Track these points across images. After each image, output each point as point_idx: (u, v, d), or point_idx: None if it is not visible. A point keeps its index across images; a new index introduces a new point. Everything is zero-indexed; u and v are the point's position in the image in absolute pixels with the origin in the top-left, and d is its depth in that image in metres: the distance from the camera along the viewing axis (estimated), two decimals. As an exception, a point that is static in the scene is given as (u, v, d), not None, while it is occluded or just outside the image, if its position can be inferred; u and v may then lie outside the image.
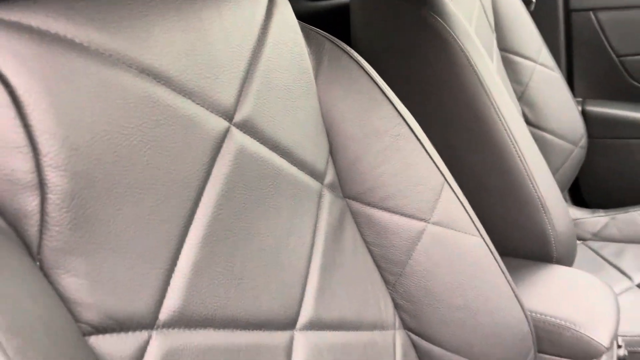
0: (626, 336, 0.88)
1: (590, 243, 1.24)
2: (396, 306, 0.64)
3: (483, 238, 0.65)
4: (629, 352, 0.86)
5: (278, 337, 0.46)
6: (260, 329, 0.45)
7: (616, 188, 1.37)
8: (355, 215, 0.62)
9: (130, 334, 0.34)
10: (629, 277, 1.10)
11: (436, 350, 0.65)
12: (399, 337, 0.63)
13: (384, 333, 0.60)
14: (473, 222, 0.65)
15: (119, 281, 0.34)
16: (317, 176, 0.56)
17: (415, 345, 0.65)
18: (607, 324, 0.71)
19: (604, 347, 0.69)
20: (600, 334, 0.70)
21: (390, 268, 0.63)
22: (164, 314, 0.37)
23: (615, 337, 0.72)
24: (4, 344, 0.24)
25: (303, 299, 0.50)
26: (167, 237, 0.37)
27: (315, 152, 0.56)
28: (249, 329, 0.44)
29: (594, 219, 1.29)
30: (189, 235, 0.39)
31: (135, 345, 0.35)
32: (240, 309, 0.43)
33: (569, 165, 1.26)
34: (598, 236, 1.26)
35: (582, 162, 1.31)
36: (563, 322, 0.71)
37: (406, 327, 0.65)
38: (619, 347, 0.80)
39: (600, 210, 1.31)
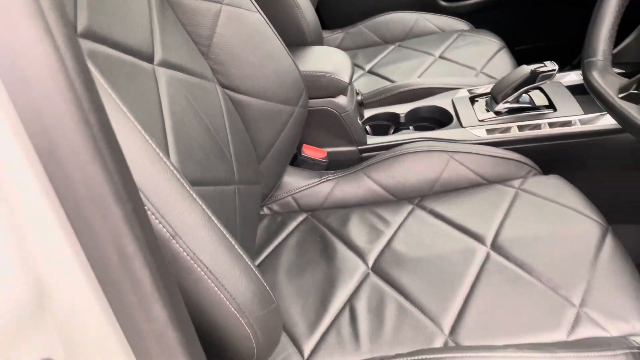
0: (362, 93, 1.30)
1: (335, 53, 1.64)
2: (212, 71, 0.90)
3: (260, 14, 0.93)
4: (365, 102, 1.29)
5: (146, 65, 0.69)
6: (134, 55, 0.67)
7: (346, 10, 1.79)
8: (171, 5, 0.84)
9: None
10: (362, 68, 1.53)
11: (243, 97, 0.94)
12: (219, 91, 0.90)
13: (209, 83, 0.87)
14: (253, 3, 0.93)
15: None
16: (139, -35, 0.76)
17: (230, 97, 0.93)
18: (346, 71, 1.09)
19: (346, 82, 1.07)
20: (343, 76, 1.07)
21: (202, 41, 0.88)
22: (79, 27, 0.57)
23: (351, 79, 1.10)
24: None
25: (154, 42, 0.73)
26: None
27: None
28: (126, 53, 0.65)
29: (334, 36, 1.70)
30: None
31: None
32: (118, 37, 0.64)
33: (311, -5, 1.61)
34: (340, 48, 1.66)
35: (320, -8, 1.68)
36: (320, 72, 1.06)
37: (221, 84, 0.92)
38: (358, 94, 1.21)
39: (338, 29, 1.72)
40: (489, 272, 0.83)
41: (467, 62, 1.41)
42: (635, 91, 0.70)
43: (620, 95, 0.71)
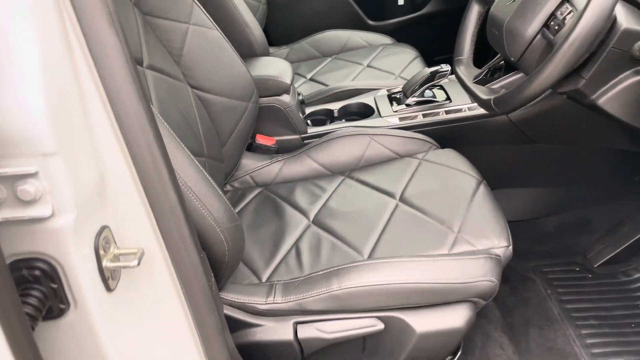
0: (304, 95, 1.59)
1: (281, 65, 1.94)
2: (183, 75, 1.17)
3: (219, 31, 1.21)
4: (306, 102, 1.58)
5: (139, 68, 0.95)
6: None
7: (290, 29, 2.10)
8: (151, 25, 1.11)
9: None
10: (304, 77, 1.83)
11: (207, 95, 1.21)
12: (189, 90, 1.17)
13: (182, 83, 1.14)
14: (212, 23, 1.20)
15: None
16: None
17: (197, 95, 1.20)
18: (288, 74, 1.38)
19: (288, 84, 1.36)
20: (286, 78, 1.36)
21: (174, 52, 1.15)
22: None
23: (292, 81, 1.39)
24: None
25: (142, 51, 0.99)
26: None
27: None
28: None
29: (281, 51, 2.00)
30: None
31: None
32: None
33: (257, 18, 1.91)
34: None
35: (266, 14, 1.98)
36: (267, 76, 1.35)
37: (190, 85, 1.19)
38: (299, 94, 1.50)
39: (284, 45, 2.02)
40: (396, 216, 1.12)
41: (389, 68, 1.73)
42: (484, 77, 1.02)
43: (474, 81, 1.02)
